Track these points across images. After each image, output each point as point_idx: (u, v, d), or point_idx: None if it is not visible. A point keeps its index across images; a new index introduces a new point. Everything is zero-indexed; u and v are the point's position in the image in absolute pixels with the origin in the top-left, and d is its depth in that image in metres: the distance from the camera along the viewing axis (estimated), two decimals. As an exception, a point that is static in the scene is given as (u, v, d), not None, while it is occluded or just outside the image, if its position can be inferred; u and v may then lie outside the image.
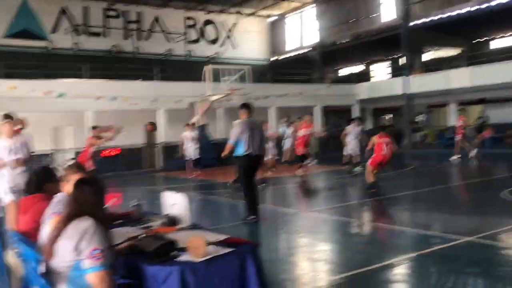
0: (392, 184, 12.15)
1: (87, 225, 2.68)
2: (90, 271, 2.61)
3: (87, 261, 2.61)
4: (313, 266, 5.22)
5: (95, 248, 2.62)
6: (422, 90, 22.88)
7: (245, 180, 7.49)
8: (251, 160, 7.38)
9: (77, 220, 2.72)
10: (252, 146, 7.30)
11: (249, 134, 7.30)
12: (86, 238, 2.64)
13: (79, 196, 2.82)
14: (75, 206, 2.79)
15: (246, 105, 7.66)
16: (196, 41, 27.57)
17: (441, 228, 6.78)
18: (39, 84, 17.50)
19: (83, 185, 2.87)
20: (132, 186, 14.55)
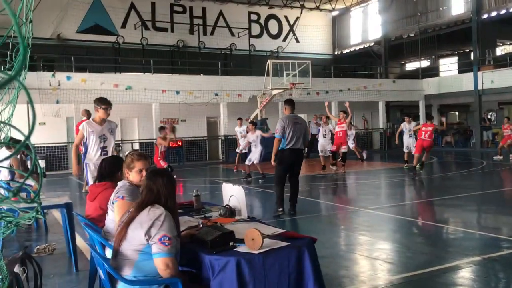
0: (459, 184, 11.68)
1: (160, 212, 2.80)
2: (158, 256, 2.72)
3: (155, 246, 2.72)
4: (372, 265, 5.11)
5: (165, 235, 2.73)
6: (493, 87, 21.71)
7: (279, 174, 7.70)
8: (292, 155, 7.57)
9: (150, 207, 2.84)
10: (294, 140, 7.52)
11: (292, 129, 7.53)
12: (157, 224, 2.75)
13: (152, 187, 2.93)
14: (148, 195, 2.91)
15: (289, 101, 7.96)
16: (259, 35, 27.69)
17: (510, 232, 6.43)
18: (108, 77, 18.34)
19: (156, 176, 2.98)
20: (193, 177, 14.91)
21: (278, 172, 7.76)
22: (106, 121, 6.18)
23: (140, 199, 2.96)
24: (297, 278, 2.96)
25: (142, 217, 2.81)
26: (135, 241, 2.78)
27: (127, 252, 2.80)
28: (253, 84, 20.54)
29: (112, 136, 6.23)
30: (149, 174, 3.04)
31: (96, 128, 6.10)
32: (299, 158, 7.79)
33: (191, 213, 4.05)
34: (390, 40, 27.44)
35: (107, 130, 6.16)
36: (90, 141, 6.06)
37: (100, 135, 6.08)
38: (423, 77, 26.00)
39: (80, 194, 11.32)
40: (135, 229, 2.79)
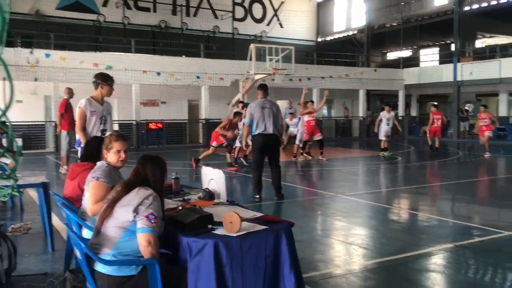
0: (434, 173, 11.89)
1: (150, 192, 2.86)
2: (141, 231, 2.74)
3: (141, 222, 2.75)
4: (347, 250, 5.21)
5: (152, 213, 2.78)
6: (471, 78, 22.06)
7: (254, 159, 7.79)
8: (262, 140, 7.58)
9: (140, 187, 2.89)
10: (263, 125, 7.53)
11: (259, 114, 7.53)
12: (146, 203, 2.80)
13: (140, 170, 2.98)
14: (135, 177, 2.96)
15: (261, 86, 8.00)
16: (242, 19, 27.48)
17: (482, 221, 6.61)
18: (88, 56, 18.01)
19: (146, 160, 3.02)
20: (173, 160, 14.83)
21: (253, 158, 7.88)
22: (105, 100, 5.64)
23: (128, 179, 3.00)
24: (274, 261, 2.99)
25: (130, 196, 2.85)
26: (121, 218, 2.80)
27: (111, 230, 2.81)
28: (236, 68, 20.43)
29: (109, 118, 5.68)
30: (140, 158, 3.07)
31: (98, 107, 5.49)
32: (273, 143, 7.73)
33: (170, 196, 4.05)
34: (373, 28, 27.56)
35: (106, 111, 5.61)
36: (91, 123, 5.44)
37: (101, 116, 5.51)
38: (404, 67, 26.24)
39: (57, 174, 11.18)
40: (123, 207, 2.82)
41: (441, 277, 4.31)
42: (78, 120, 5.42)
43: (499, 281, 4.19)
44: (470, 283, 4.12)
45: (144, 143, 19.05)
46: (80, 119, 5.41)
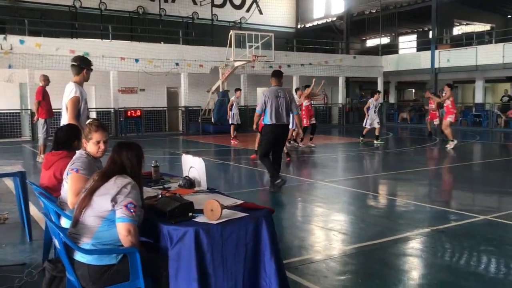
0: (412, 159, 12.07)
1: (128, 181, 2.83)
2: (121, 220, 2.73)
3: (120, 211, 2.74)
4: (327, 235, 5.27)
5: (131, 202, 2.76)
6: (449, 65, 22.37)
7: (264, 149, 7.44)
8: (275, 130, 7.27)
9: (118, 176, 2.86)
10: (277, 115, 7.21)
11: (273, 103, 7.21)
12: (124, 192, 2.77)
13: (116, 158, 2.94)
14: (112, 166, 2.92)
15: (275, 72, 7.59)
16: (222, 5, 27.23)
17: (459, 205, 6.75)
18: (65, 43, 17.67)
19: (121, 148, 2.98)
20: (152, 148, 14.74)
21: (262, 147, 7.53)
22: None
23: (104, 168, 2.97)
24: (254, 248, 3.02)
25: (108, 185, 2.81)
26: (100, 207, 2.78)
27: (89, 219, 2.78)
28: (215, 54, 20.30)
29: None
30: (115, 146, 3.02)
31: (85, 93, 5.19)
32: (284, 134, 7.51)
33: (150, 184, 4.03)
34: (352, 15, 27.63)
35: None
36: (84, 111, 5.17)
37: (86, 102, 5.28)
38: (383, 54, 26.43)
39: (34, 163, 11.01)
40: (101, 196, 2.79)
41: (418, 261, 4.40)
42: (73, 109, 5.02)
43: (474, 264, 4.30)
44: (446, 266, 4.22)
45: (122, 131, 18.86)
46: (75, 108, 5.05)
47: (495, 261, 4.33)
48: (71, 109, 5.02)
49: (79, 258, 2.75)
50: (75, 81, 5.17)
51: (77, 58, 5.31)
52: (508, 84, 25.36)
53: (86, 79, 5.25)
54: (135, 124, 19.48)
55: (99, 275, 2.73)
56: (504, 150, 14.86)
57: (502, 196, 7.54)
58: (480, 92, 24.00)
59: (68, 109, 5.02)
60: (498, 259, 4.39)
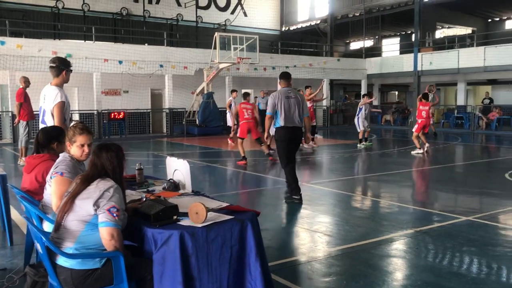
0: (396, 161, 12.18)
1: (110, 184, 2.80)
2: (104, 225, 2.70)
3: (103, 215, 2.71)
4: (312, 237, 5.29)
5: (114, 206, 2.73)
6: (431, 68, 22.66)
7: (282, 153, 7.00)
8: (287, 133, 6.90)
9: (100, 179, 2.83)
10: (288, 117, 6.87)
11: (284, 105, 6.85)
12: (107, 195, 2.74)
13: (96, 162, 2.90)
14: (93, 169, 2.89)
15: (283, 74, 7.29)
16: (206, 7, 27.19)
17: (442, 207, 6.83)
18: (47, 44, 17.46)
19: (101, 150, 2.94)
20: (136, 150, 14.65)
21: (280, 152, 7.08)
22: None
23: (85, 172, 2.94)
24: (240, 250, 3.01)
25: (90, 189, 2.79)
26: (82, 211, 2.74)
27: (72, 223, 2.75)
28: (200, 56, 20.25)
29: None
30: (95, 149, 2.99)
31: (67, 96, 5.09)
32: (296, 137, 7.04)
33: (134, 187, 3.99)
34: (336, 18, 27.81)
35: None
36: (67, 114, 5.10)
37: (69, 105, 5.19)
38: (366, 57, 26.64)
39: (15, 166, 10.84)
40: (83, 200, 2.76)
41: (402, 262, 4.44)
42: (60, 113, 4.92)
43: (456, 265, 4.35)
44: (430, 267, 4.26)
45: (105, 134, 18.69)
46: (62, 113, 4.94)
47: (477, 262, 4.39)
48: (58, 115, 4.92)
49: (62, 262, 2.71)
50: (56, 84, 5.04)
51: (56, 59, 5.19)
52: (489, 87, 25.77)
53: (66, 80, 5.13)
54: (118, 126, 19.32)
55: (82, 280, 2.69)
56: (485, 152, 15.08)
57: (483, 197, 7.65)
58: (462, 95, 24.34)
59: (55, 115, 4.91)
60: (479, 259, 4.45)
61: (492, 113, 21.13)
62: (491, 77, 23.25)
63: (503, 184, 8.53)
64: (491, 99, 23.03)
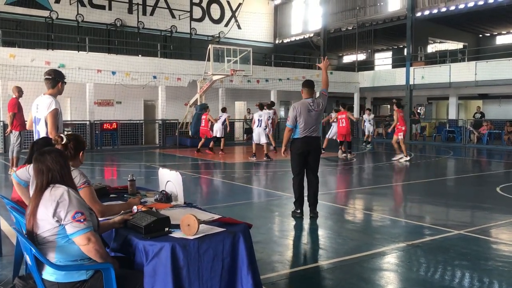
0: (387, 174, 12.20)
1: (61, 191, 2.68)
2: (76, 234, 2.62)
3: (70, 226, 2.62)
4: (304, 250, 5.27)
5: (77, 211, 2.63)
6: (423, 82, 22.87)
7: (294, 165, 6.82)
8: (304, 144, 6.66)
9: (51, 188, 2.71)
10: (308, 129, 6.63)
11: (305, 117, 6.61)
12: (63, 204, 2.63)
13: (41, 167, 2.77)
14: (40, 177, 2.76)
15: (306, 83, 6.92)
16: (200, 19, 27.33)
17: (434, 220, 6.84)
18: (40, 54, 17.43)
19: (43, 155, 2.81)
20: (128, 161, 14.59)
21: (292, 164, 6.87)
22: None
23: (35, 184, 2.79)
24: (231, 263, 2.99)
25: (45, 200, 2.67)
26: (46, 227, 2.65)
27: (43, 239, 2.67)
28: (193, 68, 20.30)
29: None
30: (35, 156, 2.85)
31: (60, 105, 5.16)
32: (314, 147, 6.77)
33: (126, 198, 3.97)
34: (329, 32, 28.05)
35: None
36: (60, 124, 5.12)
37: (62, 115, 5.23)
38: (359, 70, 26.85)
39: (5, 176, 10.75)
40: (42, 214, 2.65)
41: (394, 276, 4.43)
42: (53, 121, 4.93)
43: (448, 278, 4.34)
44: (422, 281, 4.25)
45: (98, 144, 18.61)
46: (55, 121, 4.96)
47: (469, 276, 4.39)
48: (52, 122, 4.94)
49: (47, 276, 2.66)
50: (51, 94, 5.08)
51: (51, 71, 5.23)
52: (480, 101, 26.02)
53: (60, 91, 5.20)
54: (111, 137, 19.25)
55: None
56: (477, 166, 15.17)
57: (475, 211, 7.67)
58: (454, 109, 24.55)
59: (49, 122, 4.93)
60: (471, 273, 4.45)
61: (483, 127, 21.30)
62: (482, 91, 23.48)
63: (494, 198, 8.57)
64: (482, 113, 23.24)
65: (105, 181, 10.24)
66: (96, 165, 13.29)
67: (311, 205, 6.77)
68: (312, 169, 6.82)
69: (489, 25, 27.08)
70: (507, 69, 19.47)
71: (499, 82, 20.09)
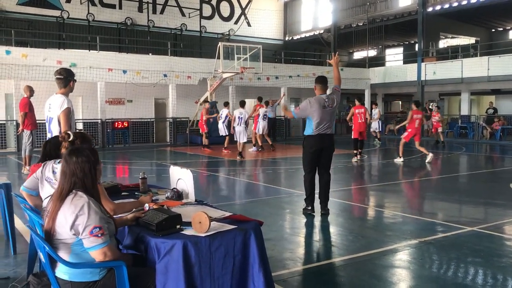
0: (399, 170, 12.13)
1: (82, 203, 2.64)
2: (93, 249, 2.63)
3: (88, 240, 2.61)
4: (316, 247, 5.26)
5: (95, 226, 2.60)
6: (435, 78, 22.67)
7: (306, 161, 6.72)
8: (319, 141, 6.52)
9: (73, 196, 2.68)
10: (322, 126, 6.50)
11: (320, 114, 6.46)
12: (82, 218, 2.60)
13: (66, 170, 2.74)
14: (64, 181, 2.72)
15: (319, 79, 6.81)
16: (210, 17, 27.35)
17: (446, 217, 6.79)
18: (52, 53, 17.58)
19: (70, 156, 2.76)
20: (140, 159, 14.66)
21: (304, 160, 6.74)
22: None
23: (57, 187, 2.76)
24: (243, 260, 2.99)
25: (65, 208, 2.64)
26: (64, 234, 2.64)
27: (59, 243, 2.69)
28: (204, 66, 20.34)
29: None
30: (64, 155, 2.80)
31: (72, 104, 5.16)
32: (328, 145, 6.62)
33: (137, 196, 3.99)
34: (340, 28, 27.91)
35: None
36: (73, 123, 5.17)
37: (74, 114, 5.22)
38: (370, 66, 26.69)
39: (19, 175, 10.86)
40: (61, 222, 2.64)
41: (406, 273, 4.41)
42: (66, 120, 4.94)
43: (461, 275, 4.31)
44: (434, 278, 4.22)
45: (109, 143, 18.73)
46: (68, 120, 4.96)
47: (482, 273, 4.36)
48: (65, 121, 4.95)
49: (61, 275, 2.68)
50: (63, 93, 5.09)
51: (62, 70, 5.23)
52: (493, 96, 25.73)
53: (71, 90, 5.22)
54: (122, 135, 19.37)
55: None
56: (489, 162, 15.02)
57: (488, 207, 7.60)
58: (466, 104, 24.31)
59: (61, 121, 4.95)
60: (485, 270, 4.41)
61: (495, 123, 21.08)
62: (495, 86, 23.21)
63: (508, 194, 8.48)
64: (495, 108, 22.99)
65: (116, 179, 10.32)
66: (107, 163, 13.38)
67: (322, 202, 6.70)
68: (325, 166, 6.72)
69: (501, 19, 26.73)
70: (521, 64, 19.23)
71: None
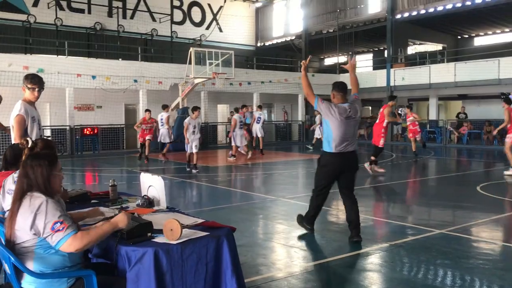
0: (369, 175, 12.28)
1: (39, 202, 2.61)
2: (60, 244, 2.55)
3: (51, 237, 2.55)
4: (288, 252, 5.26)
5: (55, 222, 2.56)
6: (404, 83, 23.14)
7: (320, 182, 5.74)
8: (341, 161, 5.50)
9: (29, 197, 2.64)
10: (345, 141, 5.44)
11: (344, 126, 5.40)
12: (41, 216, 2.56)
13: (22, 172, 2.72)
14: (20, 184, 2.70)
15: (339, 86, 5.70)
16: (181, 22, 27.23)
17: (416, 220, 6.91)
18: (18, 58, 17.19)
19: (25, 161, 2.76)
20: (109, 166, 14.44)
21: (319, 180, 5.75)
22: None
23: (15, 189, 2.73)
24: (215, 267, 2.96)
25: (23, 211, 2.60)
26: (25, 236, 2.58)
27: (22, 249, 2.61)
28: (175, 71, 20.21)
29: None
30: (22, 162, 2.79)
31: (35, 111, 4.91)
32: (351, 164, 5.62)
33: (107, 204, 3.91)
34: (310, 34, 28.19)
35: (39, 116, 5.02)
36: (33, 131, 4.84)
37: (39, 122, 4.95)
38: (341, 72, 27.01)
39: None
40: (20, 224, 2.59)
41: (377, 276, 4.45)
42: (18, 128, 4.76)
43: (431, 277, 4.38)
44: (405, 280, 4.28)
45: (78, 150, 18.38)
46: (20, 127, 4.75)
47: (451, 274, 4.44)
48: (16, 128, 4.78)
49: (26, 285, 2.60)
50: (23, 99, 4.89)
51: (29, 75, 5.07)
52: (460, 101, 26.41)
53: (34, 96, 4.92)
54: (91, 142, 19.04)
55: (50, 302, 2.59)
56: (457, 165, 15.38)
57: (456, 210, 7.77)
58: (434, 110, 24.87)
59: (14, 129, 4.80)
60: (453, 272, 4.50)
61: (463, 127, 21.63)
62: (462, 92, 23.84)
63: (475, 197, 8.70)
64: (466, 114, 23.60)
65: (86, 186, 10.11)
66: (77, 171, 13.12)
67: (355, 227, 5.54)
68: (348, 186, 5.73)
69: (467, 27, 27.51)
70: (486, 70, 19.80)
71: (478, 83, 20.42)
